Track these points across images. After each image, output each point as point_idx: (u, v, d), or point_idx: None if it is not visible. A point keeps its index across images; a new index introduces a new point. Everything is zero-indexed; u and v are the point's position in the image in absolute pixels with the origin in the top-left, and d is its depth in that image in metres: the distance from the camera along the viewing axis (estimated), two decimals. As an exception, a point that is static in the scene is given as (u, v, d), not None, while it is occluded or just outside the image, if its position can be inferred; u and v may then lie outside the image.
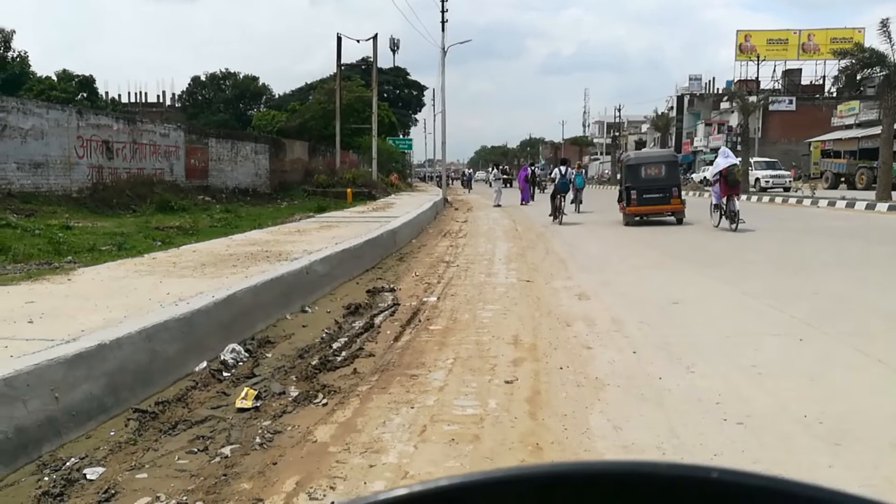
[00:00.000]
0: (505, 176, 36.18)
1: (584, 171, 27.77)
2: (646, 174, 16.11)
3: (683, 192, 17.09)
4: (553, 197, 17.42)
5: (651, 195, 15.68)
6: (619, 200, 16.79)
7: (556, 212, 17.07)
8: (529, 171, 28.97)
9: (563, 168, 18.55)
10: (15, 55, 42.99)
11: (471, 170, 71.79)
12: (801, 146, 44.62)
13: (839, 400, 3.81)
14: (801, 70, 57.78)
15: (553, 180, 18.93)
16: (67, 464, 3.13)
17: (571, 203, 19.09)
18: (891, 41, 21.10)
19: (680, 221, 15.76)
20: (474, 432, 3.43)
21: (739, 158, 20.68)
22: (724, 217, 13.57)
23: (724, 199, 13.44)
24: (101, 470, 3.08)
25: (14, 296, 5.20)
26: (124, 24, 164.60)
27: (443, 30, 31.47)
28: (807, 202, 23.03)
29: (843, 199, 22.27)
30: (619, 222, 16.16)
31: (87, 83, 44.79)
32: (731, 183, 13.22)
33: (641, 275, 8.50)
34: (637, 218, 16.00)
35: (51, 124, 15.94)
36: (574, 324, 5.70)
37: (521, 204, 25.91)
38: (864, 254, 10.19)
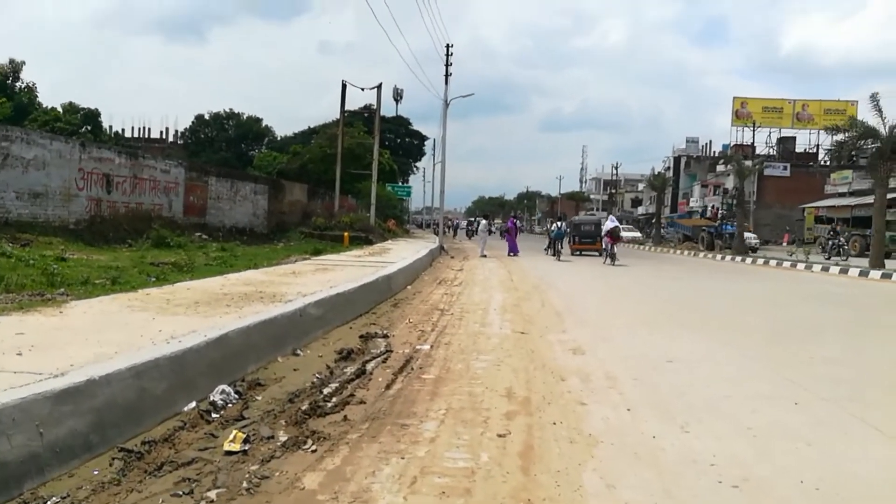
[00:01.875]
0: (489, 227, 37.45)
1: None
2: (583, 229, 29.32)
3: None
4: (553, 242, 26.10)
5: (585, 240, 28.58)
6: (570, 242, 29.15)
7: (554, 251, 25.58)
8: (516, 223, 30.64)
9: (559, 223, 26.26)
10: (23, 86, 43.66)
11: (457, 220, 71.37)
12: (794, 211, 45.22)
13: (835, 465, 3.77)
14: (795, 138, 58.98)
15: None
16: (48, 503, 3.05)
17: (550, 253, 26.48)
18: (881, 114, 21.87)
19: (600, 254, 24.86)
20: (465, 486, 3.37)
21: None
22: (608, 257, 22.12)
23: (610, 246, 22.14)
24: (81, 510, 3.00)
25: (4, 327, 5.14)
26: (134, 61, 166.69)
27: (446, 82, 32.27)
28: (801, 266, 23.18)
29: (837, 265, 22.46)
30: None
31: (93, 116, 45.30)
32: (614, 235, 22.57)
33: (634, 329, 8.49)
34: (577, 252, 28.10)
35: (53, 155, 16.07)
36: (568, 378, 5.66)
37: (509, 255, 25.90)
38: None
